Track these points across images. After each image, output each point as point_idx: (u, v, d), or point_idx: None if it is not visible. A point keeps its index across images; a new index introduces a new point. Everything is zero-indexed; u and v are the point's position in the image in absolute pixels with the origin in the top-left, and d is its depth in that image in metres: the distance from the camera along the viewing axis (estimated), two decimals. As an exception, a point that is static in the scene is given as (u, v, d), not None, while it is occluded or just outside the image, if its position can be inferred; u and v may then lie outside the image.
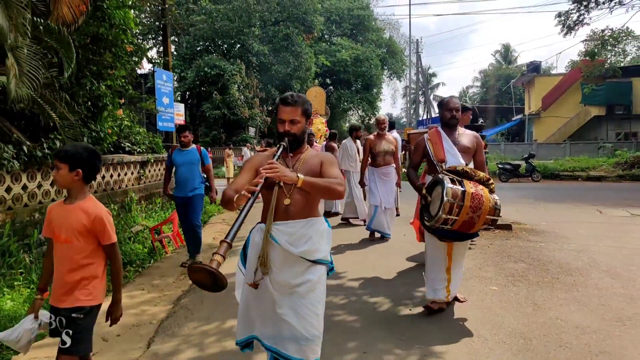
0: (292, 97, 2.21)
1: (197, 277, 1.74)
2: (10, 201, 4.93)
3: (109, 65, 6.41)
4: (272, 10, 25.69)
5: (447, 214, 3.10)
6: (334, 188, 2.08)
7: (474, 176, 3.30)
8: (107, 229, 2.24)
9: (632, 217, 8.26)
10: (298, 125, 2.20)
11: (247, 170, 2.23)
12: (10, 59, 3.63)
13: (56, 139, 5.44)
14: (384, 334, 3.30)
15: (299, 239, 2.13)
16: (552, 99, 28.77)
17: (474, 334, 3.25)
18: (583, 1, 19.65)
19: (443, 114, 3.69)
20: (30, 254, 5.03)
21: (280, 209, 2.14)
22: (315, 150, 2.40)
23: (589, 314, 3.52)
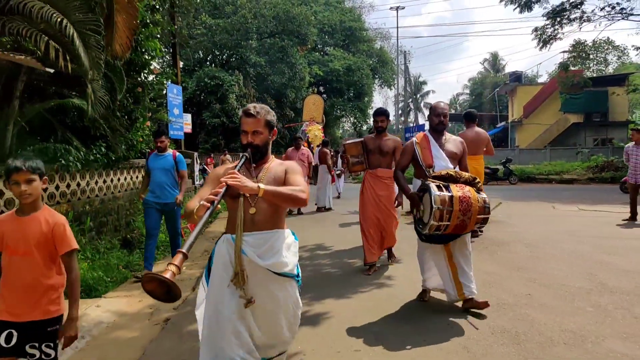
0: (255, 108, 2.21)
1: (150, 287, 1.66)
2: (69, 195, 6.27)
3: (139, 84, 7.77)
4: (268, 24, 27.13)
5: (439, 221, 3.16)
6: (296, 196, 2.07)
7: (459, 178, 3.35)
8: (67, 235, 2.17)
9: (578, 211, 9.71)
10: (261, 137, 2.21)
11: (209, 182, 2.23)
12: (89, 88, 4.98)
13: (101, 145, 6.79)
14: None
15: (267, 251, 2.11)
16: (533, 107, 30.43)
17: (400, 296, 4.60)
18: (557, 17, 21.28)
19: (431, 119, 3.80)
20: (84, 236, 6.36)
21: (247, 220, 2.12)
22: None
23: (498, 266, 4.98)
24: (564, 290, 4.08)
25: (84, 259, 5.89)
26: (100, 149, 6.73)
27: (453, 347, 3.04)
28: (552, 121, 29.93)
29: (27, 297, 2.11)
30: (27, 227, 2.12)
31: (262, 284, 2.11)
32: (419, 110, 60.37)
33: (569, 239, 6.40)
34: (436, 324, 3.43)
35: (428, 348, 3.05)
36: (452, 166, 3.61)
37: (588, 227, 7.50)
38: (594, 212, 9.48)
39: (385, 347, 3.10)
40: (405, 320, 3.58)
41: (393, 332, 3.33)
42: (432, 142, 3.69)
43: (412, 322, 3.52)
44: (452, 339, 3.15)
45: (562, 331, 3.16)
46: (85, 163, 6.30)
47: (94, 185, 6.88)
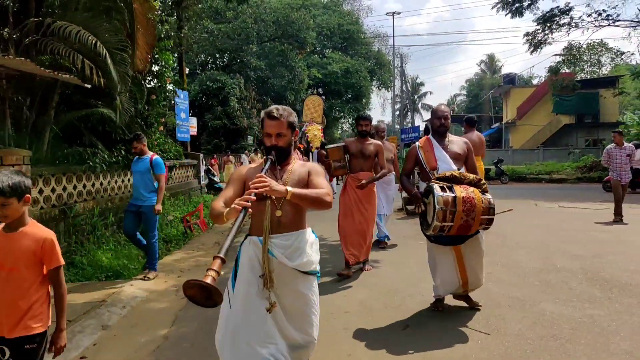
0: (278, 110, 2.22)
1: (191, 293, 1.69)
2: (94, 193, 7.05)
3: (153, 92, 8.56)
4: (268, 28, 27.96)
5: (442, 222, 3.18)
6: (322, 199, 2.10)
7: (464, 180, 3.36)
8: (56, 251, 2.14)
9: (558, 208, 10.50)
10: (284, 139, 2.23)
11: (234, 182, 2.26)
12: (118, 100, 5.78)
13: (121, 149, 7.57)
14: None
15: (294, 252, 2.16)
16: (526, 108, 31.24)
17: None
18: (547, 22, 22.08)
19: (432, 121, 3.82)
20: (107, 230, 7.13)
21: (273, 222, 2.16)
22: (299, 159, 2.42)
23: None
24: (519, 269, 4.87)
25: (108, 249, 6.67)
26: (120, 152, 7.52)
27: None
28: (544, 122, 30.74)
29: (12, 312, 2.07)
30: (14, 243, 2.09)
31: (290, 284, 2.17)
32: (417, 111, 61.27)
33: (538, 231, 7.19)
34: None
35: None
36: (456, 167, 3.61)
37: (561, 221, 8.28)
38: (573, 208, 10.28)
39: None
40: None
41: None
42: (435, 144, 3.70)
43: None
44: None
45: (509, 297, 3.95)
46: (109, 165, 7.09)
47: (114, 184, 7.67)
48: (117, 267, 6.00)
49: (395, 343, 3.27)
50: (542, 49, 22.84)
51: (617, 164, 8.45)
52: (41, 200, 5.77)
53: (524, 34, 23.10)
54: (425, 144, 3.74)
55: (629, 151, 8.49)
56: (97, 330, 3.74)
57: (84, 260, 6.02)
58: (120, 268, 6.00)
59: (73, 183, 6.47)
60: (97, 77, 5.60)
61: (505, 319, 3.53)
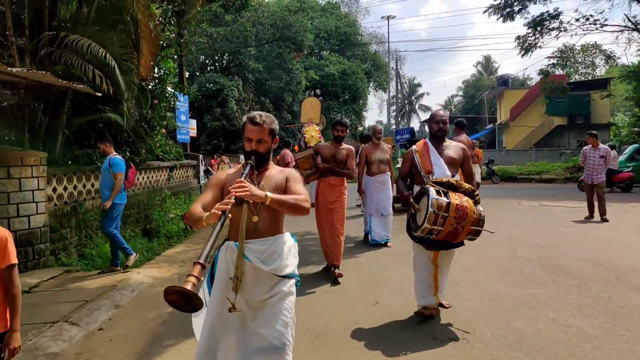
0: (261, 117, 2.24)
1: (172, 298, 1.71)
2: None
3: (155, 97, 9.15)
4: (266, 31, 28.57)
5: (432, 225, 3.20)
6: (300, 205, 2.13)
7: (459, 188, 3.40)
8: (9, 249, 2.11)
9: (539, 206, 11.10)
10: (265, 145, 2.26)
11: (212, 187, 2.28)
12: (125, 107, 6.37)
13: (126, 150, 8.15)
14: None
15: (269, 257, 2.20)
16: (519, 110, 31.87)
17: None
18: (537, 27, 22.71)
19: (431, 126, 3.80)
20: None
21: (250, 227, 2.19)
22: (279, 167, 2.49)
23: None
24: (483, 257, 5.47)
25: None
26: (125, 153, 8.09)
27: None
28: (537, 123, 31.37)
29: None
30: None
31: (266, 288, 2.21)
32: (414, 112, 61.92)
33: (511, 226, 7.79)
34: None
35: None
36: (450, 172, 3.64)
37: (536, 218, 8.88)
38: (553, 207, 10.88)
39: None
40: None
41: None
42: (431, 149, 3.73)
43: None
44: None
45: (467, 280, 4.55)
46: (117, 164, 7.67)
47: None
48: (123, 259, 6.60)
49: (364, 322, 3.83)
50: (533, 52, 23.49)
51: (590, 165, 8.78)
52: (55, 197, 6.36)
53: (516, 37, 23.73)
54: (422, 148, 3.77)
55: (602, 152, 8.78)
56: (111, 308, 4.34)
57: (94, 252, 6.62)
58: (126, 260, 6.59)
59: (82, 182, 7.06)
60: (106, 85, 6.19)
61: (459, 295, 4.13)
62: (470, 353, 3.11)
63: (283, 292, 2.23)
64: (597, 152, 8.78)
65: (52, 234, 6.13)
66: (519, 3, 22.31)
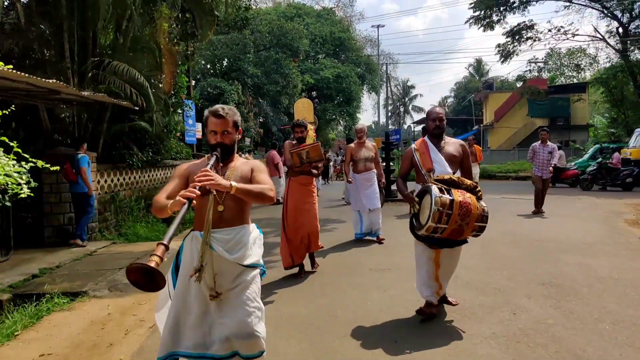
0: (224, 110, 2.32)
1: (134, 277, 1.72)
2: (131, 184, 9.38)
3: (170, 105, 10.90)
4: (264, 38, 30.39)
5: (437, 223, 3.18)
6: (265, 194, 2.21)
7: (461, 184, 3.39)
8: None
9: (500, 198, 12.89)
10: (230, 136, 2.33)
11: (177, 178, 2.34)
12: (154, 117, 8.11)
13: (149, 151, 9.90)
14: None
15: (234, 246, 2.27)
16: (502, 112, 33.72)
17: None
18: (515, 36, 24.53)
19: (428, 124, 3.81)
20: (140, 212, 9.46)
21: (215, 217, 2.24)
22: (244, 159, 2.51)
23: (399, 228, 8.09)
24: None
25: (143, 226, 9.01)
26: (148, 153, 9.85)
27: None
28: (520, 125, 33.21)
29: None
30: None
31: (230, 277, 2.27)
32: (407, 113, 63.72)
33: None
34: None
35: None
36: (451, 169, 3.63)
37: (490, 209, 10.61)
38: (510, 199, 12.70)
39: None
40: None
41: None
42: (430, 146, 3.71)
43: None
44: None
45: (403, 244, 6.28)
46: (142, 163, 9.43)
47: (145, 178, 10.02)
48: (151, 237, 8.36)
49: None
50: (512, 59, 25.32)
51: (540, 160, 9.27)
52: (98, 188, 8.11)
53: (496, 45, 25.60)
54: (421, 146, 3.76)
55: (550, 149, 9.30)
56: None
57: (129, 231, 8.37)
58: (153, 238, 8.35)
59: (117, 176, 8.82)
60: (140, 100, 7.94)
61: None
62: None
63: (246, 282, 2.29)
64: (546, 148, 9.30)
65: (99, 216, 7.90)
66: (498, 13, 24.14)
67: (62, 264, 5.91)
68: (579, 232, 7.40)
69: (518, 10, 23.78)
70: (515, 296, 4.28)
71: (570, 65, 30.86)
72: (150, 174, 10.26)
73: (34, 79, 5.06)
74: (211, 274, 2.23)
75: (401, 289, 4.61)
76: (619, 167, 15.19)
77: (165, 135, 9.56)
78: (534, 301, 4.14)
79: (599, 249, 6.19)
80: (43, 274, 5.44)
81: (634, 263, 5.38)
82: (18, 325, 3.84)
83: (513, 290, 4.45)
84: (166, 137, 9.63)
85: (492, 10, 23.55)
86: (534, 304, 4.08)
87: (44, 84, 5.41)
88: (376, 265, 5.72)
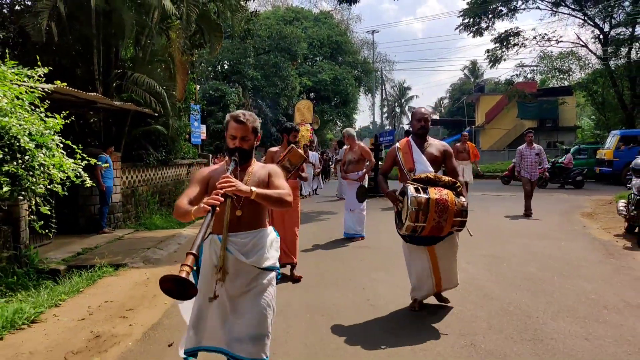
0: (244, 115, 2.37)
1: (167, 286, 1.79)
2: (148, 180, 10.58)
3: (181, 109, 12.10)
4: (263, 42, 31.63)
5: (414, 222, 3.27)
6: (284, 198, 2.25)
7: (438, 182, 3.45)
8: None
9: (482, 195, 14.08)
10: (249, 142, 2.38)
11: (197, 182, 2.40)
12: (170, 122, 9.31)
13: (162, 151, 11.10)
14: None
15: (251, 250, 2.33)
16: (493, 114, 35.02)
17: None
18: (503, 42, 25.78)
19: (413, 124, 3.88)
20: (155, 205, 10.66)
21: (233, 220, 2.29)
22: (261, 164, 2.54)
23: (381, 222, 9.32)
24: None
25: (158, 217, 10.22)
26: (162, 153, 11.06)
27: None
28: (510, 126, 34.49)
29: None
30: None
31: (247, 280, 2.33)
32: (404, 114, 64.91)
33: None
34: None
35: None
36: (433, 169, 3.67)
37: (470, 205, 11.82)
38: (491, 195, 13.91)
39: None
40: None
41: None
42: (413, 146, 3.78)
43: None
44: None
45: (394, 249, 7.50)
46: (157, 162, 10.63)
47: (159, 175, 11.22)
48: (166, 226, 9.56)
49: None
50: (500, 63, 26.57)
51: (528, 162, 9.28)
52: (122, 184, 9.31)
53: (485, 50, 26.81)
54: (404, 146, 3.83)
55: (537, 151, 9.38)
56: (176, 245, 7.31)
57: (147, 221, 9.57)
58: (168, 227, 9.54)
59: (136, 174, 10.02)
60: (157, 107, 9.15)
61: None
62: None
63: (263, 285, 2.36)
64: (533, 150, 9.39)
65: (122, 208, 9.10)
66: (487, 21, 25.41)
67: (99, 245, 7.11)
68: (537, 222, 8.63)
69: (506, 17, 25.06)
70: (460, 262, 5.48)
71: (562, 67, 32.00)
72: (163, 172, 11.46)
73: (81, 93, 6.27)
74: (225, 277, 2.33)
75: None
76: (570, 167, 16.53)
77: (177, 137, 10.76)
78: (472, 266, 5.37)
79: (546, 234, 7.43)
80: (86, 252, 6.64)
81: (566, 243, 6.62)
82: (81, 285, 5.04)
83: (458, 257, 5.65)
84: (178, 138, 10.83)
85: (481, 18, 24.82)
86: (472, 267, 5.31)
87: (86, 96, 6.62)
88: (358, 244, 6.91)
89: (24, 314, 4.02)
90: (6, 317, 3.90)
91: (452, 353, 3.17)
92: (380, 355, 3.20)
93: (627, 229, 7.29)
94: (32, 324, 4.01)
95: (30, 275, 5.39)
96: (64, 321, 4.06)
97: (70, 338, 3.68)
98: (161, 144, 11.04)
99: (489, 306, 4.06)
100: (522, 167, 9.41)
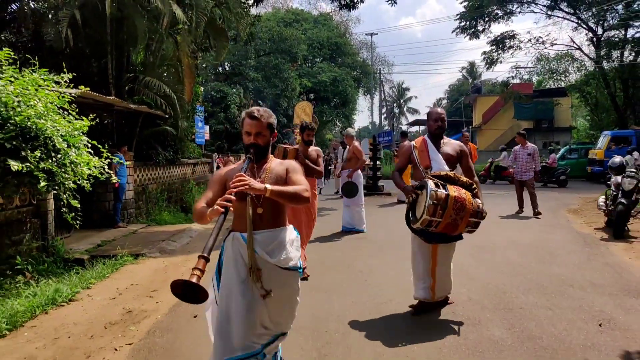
0: (259, 111, 2.35)
1: (178, 291, 1.80)
2: (157, 178, 11.14)
3: (189, 111, 12.66)
4: (264, 45, 32.23)
5: (431, 216, 3.28)
6: (300, 194, 2.22)
7: (457, 181, 3.49)
8: None
9: (474, 193, 14.66)
10: (263, 138, 2.36)
11: (214, 184, 2.39)
12: (180, 123, 9.87)
13: (170, 150, 11.66)
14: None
15: (274, 249, 2.31)
16: (490, 114, 35.60)
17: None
18: (499, 44, 26.35)
19: (429, 124, 3.92)
20: (164, 202, 11.21)
21: (255, 218, 2.28)
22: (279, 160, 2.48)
23: (370, 218, 9.84)
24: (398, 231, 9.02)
25: (167, 213, 10.77)
26: (170, 152, 11.62)
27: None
28: (506, 127, 35.06)
29: None
30: None
31: (270, 278, 2.31)
32: (402, 115, 65.52)
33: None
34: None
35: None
36: (449, 168, 3.72)
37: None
38: (484, 193, 14.44)
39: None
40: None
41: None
42: (429, 145, 3.84)
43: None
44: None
45: (389, 241, 8.05)
46: (165, 161, 11.19)
47: (165, 174, 11.78)
48: (175, 222, 10.12)
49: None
50: (496, 65, 27.15)
51: (520, 162, 9.42)
52: (134, 182, 9.87)
53: (482, 52, 27.40)
54: (421, 145, 3.88)
55: (530, 150, 9.42)
56: (188, 238, 7.87)
57: (157, 217, 10.13)
58: (176, 222, 10.10)
59: (147, 172, 10.58)
60: (168, 108, 9.71)
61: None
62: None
63: (293, 289, 2.40)
64: (525, 150, 9.45)
65: (134, 204, 9.66)
66: (483, 24, 25.99)
67: (115, 238, 7.67)
68: (523, 217, 9.19)
69: (502, 20, 25.64)
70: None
71: (559, 69, 32.53)
72: (171, 171, 12.02)
73: (102, 97, 6.83)
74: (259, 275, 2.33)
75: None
76: (554, 167, 17.20)
77: (184, 137, 11.32)
78: (458, 254, 5.86)
79: (531, 227, 8.00)
80: (105, 244, 7.20)
81: (547, 235, 7.19)
82: (106, 271, 5.60)
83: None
84: (185, 139, 11.39)
85: (477, 21, 25.40)
86: (458, 255, 5.79)
87: (105, 99, 7.17)
88: (356, 236, 7.49)
89: (62, 293, 4.59)
90: (48, 296, 4.47)
91: (434, 317, 3.77)
92: (374, 323, 3.77)
93: (606, 222, 7.87)
94: (69, 302, 4.57)
95: (57, 264, 5.95)
96: (97, 300, 4.63)
97: (106, 313, 4.23)
98: (169, 144, 11.60)
99: (470, 285, 4.64)
100: (515, 167, 9.60)
